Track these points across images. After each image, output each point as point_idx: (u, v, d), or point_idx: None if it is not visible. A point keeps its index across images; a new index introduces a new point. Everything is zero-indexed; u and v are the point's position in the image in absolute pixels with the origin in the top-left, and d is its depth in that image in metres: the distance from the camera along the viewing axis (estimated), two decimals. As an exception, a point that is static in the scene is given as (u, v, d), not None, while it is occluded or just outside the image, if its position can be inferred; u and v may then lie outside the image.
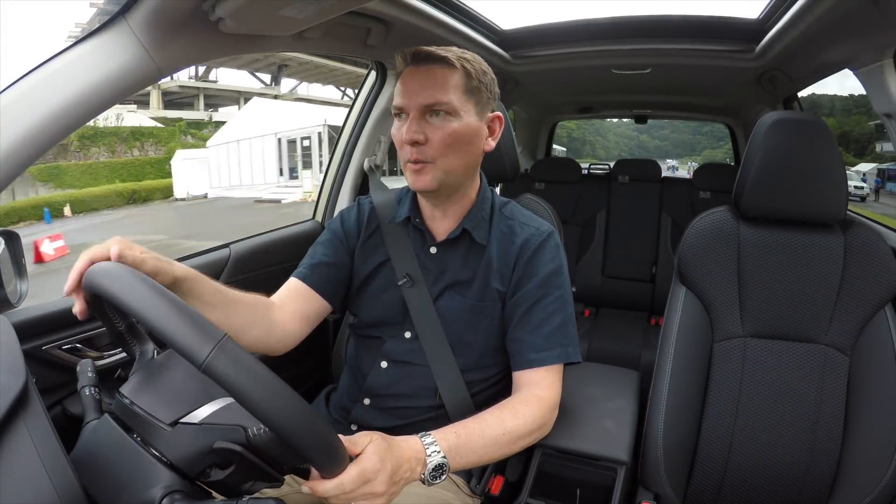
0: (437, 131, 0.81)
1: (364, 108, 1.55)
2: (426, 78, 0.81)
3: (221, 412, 0.55)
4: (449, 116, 0.82)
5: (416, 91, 0.81)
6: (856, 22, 1.05)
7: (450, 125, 0.82)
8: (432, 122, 0.82)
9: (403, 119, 0.84)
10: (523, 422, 0.80)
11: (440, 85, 0.81)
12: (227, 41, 0.86)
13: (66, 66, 0.69)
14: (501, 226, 0.93)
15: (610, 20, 1.61)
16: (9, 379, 0.51)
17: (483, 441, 0.76)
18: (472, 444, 0.75)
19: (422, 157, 0.82)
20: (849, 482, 0.93)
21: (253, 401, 0.47)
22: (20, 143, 0.64)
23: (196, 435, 0.53)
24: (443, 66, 0.82)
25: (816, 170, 0.96)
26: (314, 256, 0.96)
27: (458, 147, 0.83)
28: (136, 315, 0.50)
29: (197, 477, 0.54)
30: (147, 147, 27.46)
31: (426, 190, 0.85)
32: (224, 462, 0.54)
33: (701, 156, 23.85)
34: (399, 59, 0.85)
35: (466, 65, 0.83)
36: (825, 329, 0.98)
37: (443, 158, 0.82)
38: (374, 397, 0.93)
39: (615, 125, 34.52)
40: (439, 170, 0.83)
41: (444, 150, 0.82)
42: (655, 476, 0.97)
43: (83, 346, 0.93)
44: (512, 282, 0.89)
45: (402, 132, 0.82)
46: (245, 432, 0.53)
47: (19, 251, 0.84)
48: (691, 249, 1.04)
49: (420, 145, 0.81)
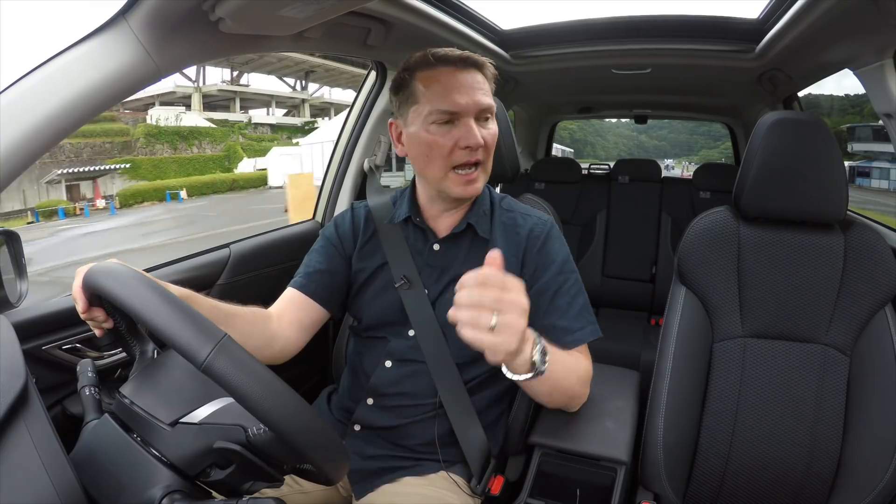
0: (489, 134, 0.84)
1: (364, 108, 1.55)
2: (474, 82, 0.83)
3: (221, 412, 0.55)
4: (491, 120, 0.85)
5: (469, 95, 0.82)
6: (856, 22, 1.05)
7: (494, 128, 0.85)
8: (483, 125, 0.84)
9: (453, 123, 0.82)
10: (585, 370, 0.86)
11: (486, 89, 0.84)
12: (227, 41, 0.86)
13: (66, 66, 0.69)
14: (503, 218, 0.94)
15: (610, 20, 1.61)
16: (9, 379, 0.51)
17: (564, 365, 0.79)
18: (558, 356, 0.76)
19: (481, 160, 0.84)
20: (849, 482, 0.93)
21: (253, 400, 0.47)
22: (20, 143, 0.64)
23: (196, 435, 0.53)
24: (481, 70, 0.85)
25: (816, 170, 0.96)
26: (309, 265, 0.96)
27: (494, 150, 0.87)
28: (136, 315, 0.50)
29: (197, 477, 0.54)
30: (204, 145, 30.10)
31: (475, 196, 0.88)
32: (224, 462, 0.54)
33: (698, 155, 24.17)
34: (429, 57, 0.83)
35: (491, 70, 0.87)
36: (825, 329, 0.98)
37: (488, 161, 0.86)
38: (377, 397, 0.93)
39: (614, 126, 35.03)
40: (485, 174, 0.86)
41: (488, 154, 0.86)
42: (655, 476, 0.97)
43: (83, 346, 0.93)
44: (526, 272, 0.90)
45: (454, 136, 0.82)
46: (245, 432, 0.53)
47: (19, 251, 0.84)
48: (691, 249, 1.04)
49: (478, 149, 0.83)
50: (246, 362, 0.48)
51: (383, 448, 0.93)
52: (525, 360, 0.67)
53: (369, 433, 0.94)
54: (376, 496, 0.89)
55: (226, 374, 0.47)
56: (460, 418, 0.91)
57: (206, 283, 1.19)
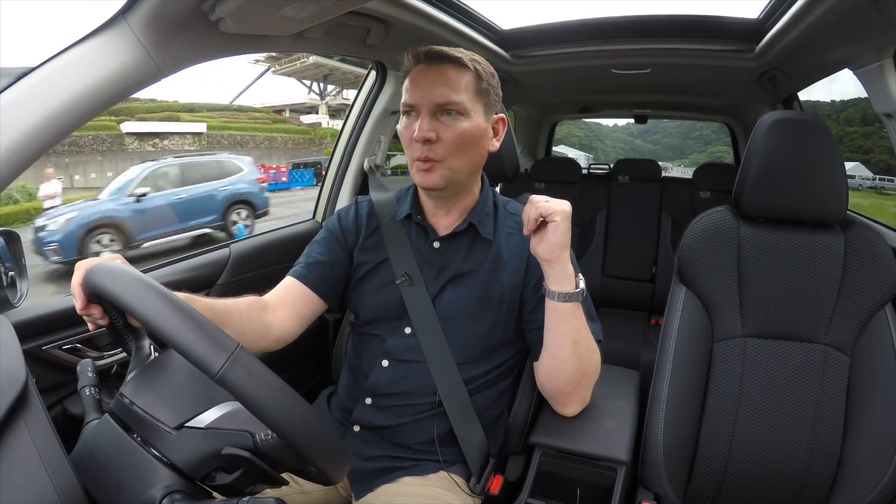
0: (449, 130, 0.82)
1: (364, 108, 1.55)
2: (439, 77, 0.82)
3: (227, 417, 0.56)
4: (460, 116, 0.83)
5: (428, 89, 0.82)
6: (855, 22, 1.05)
7: (460, 125, 0.83)
8: (443, 121, 0.83)
9: (413, 117, 0.84)
10: (598, 358, 0.88)
11: (452, 85, 0.82)
12: (227, 41, 0.86)
13: (66, 65, 0.69)
14: (509, 221, 0.94)
15: (610, 20, 1.61)
16: (9, 379, 0.51)
17: (586, 328, 0.85)
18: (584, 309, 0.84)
19: (432, 156, 0.83)
20: (849, 482, 0.93)
21: (265, 410, 0.48)
22: (20, 143, 0.64)
23: (203, 440, 0.54)
24: (455, 66, 0.83)
25: (816, 170, 0.96)
26: (310, 255, 0.96)
27: (467, 147, 0.84)
28: (146, 322, 0.51)
29: (202, 480, 0.54)
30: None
31: (434, 188, 0.86)
32: (230, 467, 0.54)
33: (689, 158, 25.15)
34: (409, 57, 0.85)
35: (478, 66, 0.85)
36: (825, 329, 0.98)
37: (451, 158, 0.84)
38: (375, 396, 0.93)
39: (611, 130, 36.00)
40: (447, 168, 0.84)
41: (453, 150, 0.83)
42: (655, 476, 0.96)
43: (83, 346, 0.93)
44: (532, 275, 0.90)
45: (413, 129, 0.83)
46: (252, 438, 0.53)
47: (19, 251, 0.84)
48: (691, 249, 1.04)
49: (431, 143, 0.82)
50: (259, 374, 0.49)
51: (383, 448, 0.93)
52: (569, 273, 0.80)
53: (368, 433, 0.94)
54: (376, 496, 0.89)
55: (240, 385, 0.48)
56: (460, 418, 0.91)
57: (206, 283, 1.19)
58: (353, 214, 0.99)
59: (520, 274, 0.91)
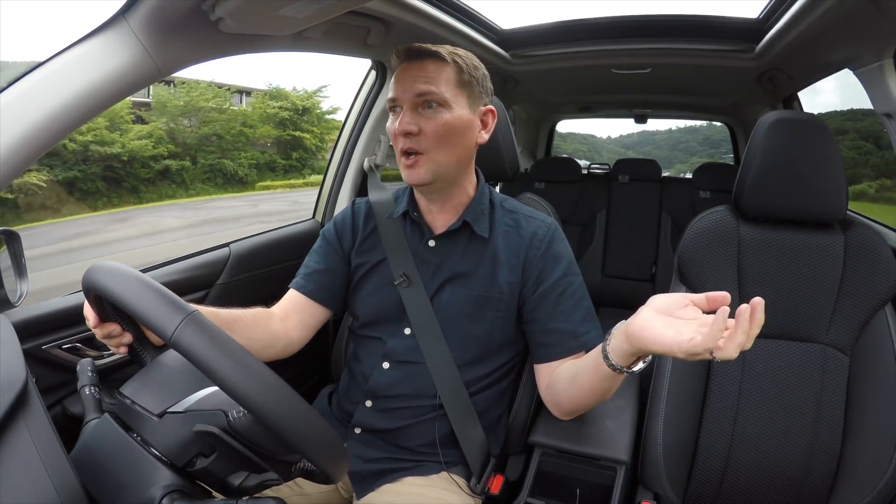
0: (430, 122, 0.82)
1: (364, 107, 1.55)
2: (419, 71, 0.83)
3: (206, 399, 0.54)
4: (441, 108, 0.83)
5: (408, 83, 0.83)
6: (855, 22, 1.05)
7: (442, 116, 0.83)
8: (425, 114, 0.83)
9: (398, 112, 0.85)
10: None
11: (432, 77, 0.82)
12: (227, 41, 0.86)
13: (66, 65, 0.69)
14: (506, 219, 0.94)
15: (610, 20, 1.61)
16: (9, 378, 0.51)
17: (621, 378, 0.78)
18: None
19: (415, 147, 0.83)
20: (849, 482, 0.93)
21: (219, 373, 0.46)
22: (20, 142, 0.64)
23: (182, 423, 0.53)
24: (434, 60, 0.84)
25: (816, 169, 0.96)
26: (308, 266, 0.98)
27: (451, 138, 0.84)
28: (109, 295, 0.50)
29: (185, 467, 0.53)
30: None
31: (420, 183, 0.85)
32: (208, 449, 0.53)
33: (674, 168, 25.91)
34: (394, 56, 0.86)
35: (457, 59, 0.85)
36: (825, 329, 0.98)
37: (436, 150, 0.83)
38: (376, 399, 0.93)
39: (606, 143, 37.47)
40: (432, 162, 0.84)
41: (436, 141, 0.83)
42: (655, 476, 0.97)
43: (83, 345, 0.93)
44: (530, 275, 0.90)
45: (396, 124, 0.84)
46: (225, 416, 0.52)
47: (19, 251, 0.83)
48: (691, 249, 1.04)
49: (413, 136, 0.82)
50: (215, 335, 0.47)
51: (384, 450, 0.93)
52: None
53: (370, 436, 0.94)
54: (377, 496, 0.89)
55: (193, 346, 0.46)
56: (461, 420, 0.91)
57: (205, 282, 1.19)
58: (348, 217, 1.00)
59: (517, 273, 0.90)
